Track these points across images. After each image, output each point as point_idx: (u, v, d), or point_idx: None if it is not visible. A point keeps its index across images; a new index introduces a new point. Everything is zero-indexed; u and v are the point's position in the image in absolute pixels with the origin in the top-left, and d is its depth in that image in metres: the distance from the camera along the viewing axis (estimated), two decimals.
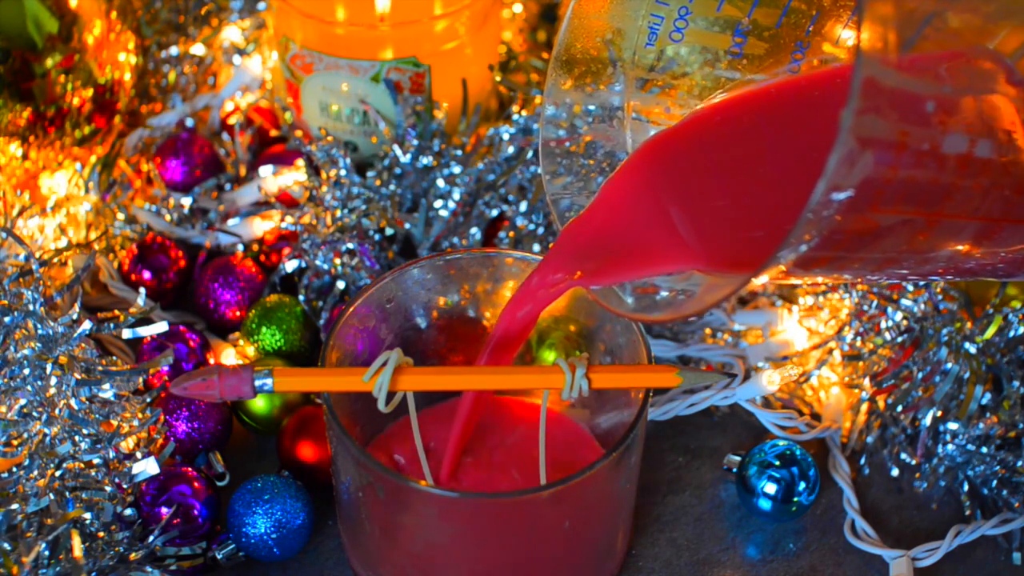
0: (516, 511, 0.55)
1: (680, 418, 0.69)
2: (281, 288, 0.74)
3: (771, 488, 0.64)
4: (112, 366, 0.60)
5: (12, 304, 0.59)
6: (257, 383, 0.55)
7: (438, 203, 0.73)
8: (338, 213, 0.72)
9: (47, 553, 0.52)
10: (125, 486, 0.59)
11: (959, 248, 0.46)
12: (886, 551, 0.63)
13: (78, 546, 0.52)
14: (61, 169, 0.75)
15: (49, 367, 0.58)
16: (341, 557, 0.63)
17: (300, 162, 0.76)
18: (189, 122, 0.83)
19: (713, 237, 0.53)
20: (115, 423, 0.59)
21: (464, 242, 0.73)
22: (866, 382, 0.68)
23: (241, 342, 0.70)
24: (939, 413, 0.65)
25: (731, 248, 0.52)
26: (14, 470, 0.57)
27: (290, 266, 0.73)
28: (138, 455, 0.60)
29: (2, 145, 0.70)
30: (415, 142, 0.74)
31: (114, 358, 0.62)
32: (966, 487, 0.66)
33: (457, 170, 0.73)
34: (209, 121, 0.84)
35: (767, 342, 0.71)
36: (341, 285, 0.71)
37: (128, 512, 0.59)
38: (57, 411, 0.58)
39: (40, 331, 0.59)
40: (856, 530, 0.65)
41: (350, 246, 0.71)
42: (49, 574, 0.52)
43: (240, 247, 0.76)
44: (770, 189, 0.52)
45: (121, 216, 0.76)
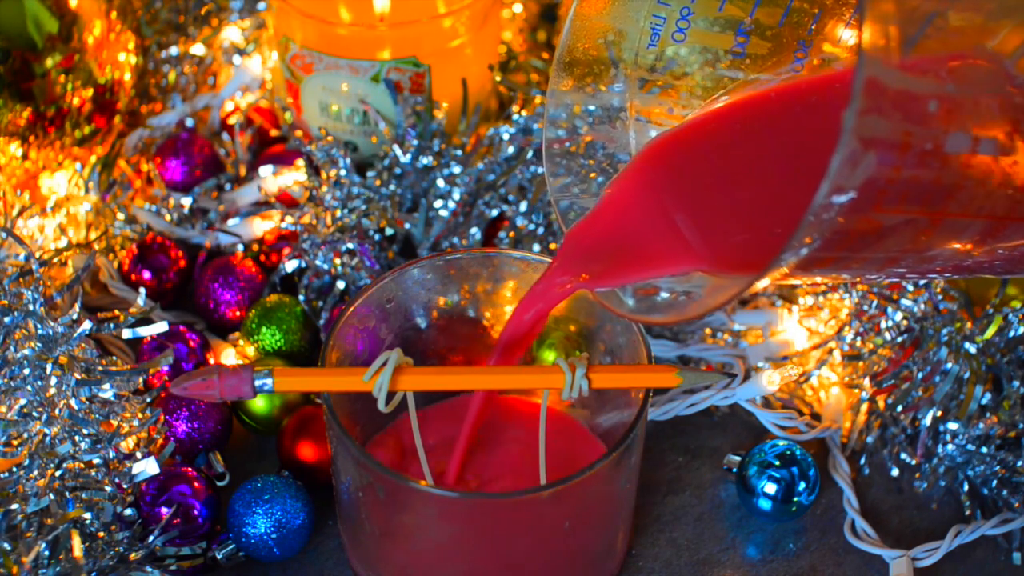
0: (516, 511, 0.55)
1: (680, 418, 0.69)
2: (281, 288, 0.74)
3: (771, 488, 0.64)
4: (112, 366, 0.60)
5: (12, 304, 0.59)
6: (257, 383, 0.55)
7: (438, 203, 0.73)
8: (338, 213, 0.71)
9: (47, 553, 0.52)
10: (125, 486, 0.59)
11: (962, 247, 0.46)
12: (886, 551, 0.63)
13: (78, 546, 0.52)
14: (61, 169, 0.75)
15: (49, 367, 0.58)
16: (341, 557, 0.63)
17: (300, 162, 0.76)
18: (189, 122, 0.83)
19: (717, 239, 0.53)
20: (115, 423, 0.59)
21: (464, 242, 0.73)
22: (866, 382, 0.68)
23: (241, 342, 0.70)
24: (939, 413, 0.65)
25: (735, 250, 0.53)
26: (14, 470, 0.57)
27: (290, 266, 0.73)
28: (138, 455, 0.60)
29: (2, 145, 0.70)
30: (415, 142, 0.74)
31: (114, 358, 0.62)
32: (966, 487, 0.66)
33: (457, 170, 0.73)
34: (209, 121, 0.84)
35: (767, 342, 0.71)
36: (341, 285, 0.71)
37: (128, 512, 0.59)
38: (57, 411, 0.58)
39: (40, 331, 0.59)
40: (856, 530, 0.65)
41: (350, 246, 0.71)
42: (49, 574, 0.52)
43: (240, 247, 0.76)
44: (773, 191, 0.53)
45: (121, 216, 0.76)
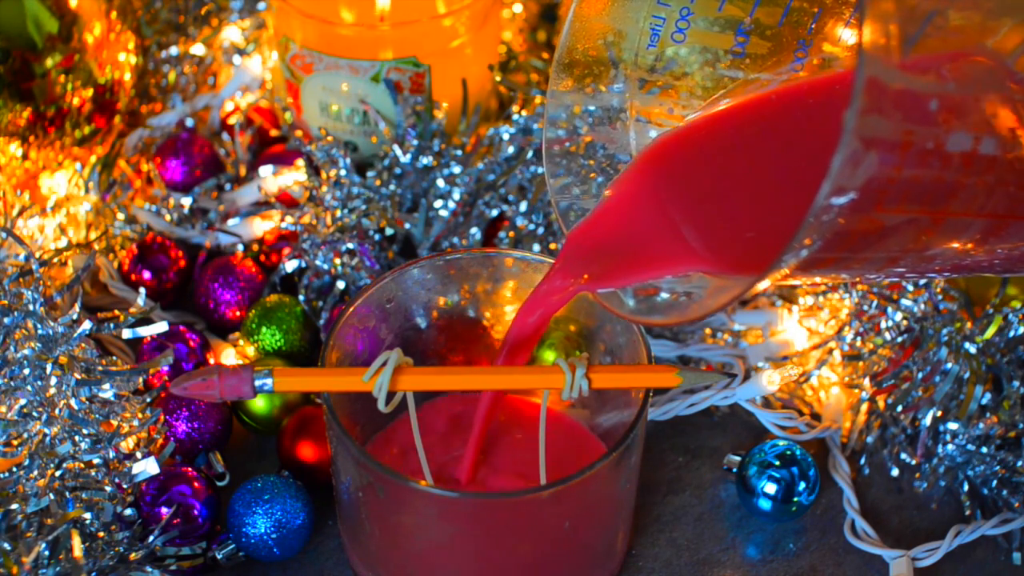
0: (516, 511, 0.55)
1: (680, 418, 0.69)
2: (281, 288, 0.74)
3: (771, 488, 0.64)
4: (112, 366, 0.60)
5: (12, 304, 0.59)
6: (257, 383, 0.55)
7: (438, 203, 0.73)
8: (338, 213, 0.71)
9: (47, 553, 0.52)
10: (125, 486, 0.59)
11: (963, 246, 0.46)
12: (886, 551, 0.63)
13: (78, 546, 0.52)
14: (61, 169, 0.75)
15: (49, 367, 0.58)
16: (341, 557, 0.63)
17: (300, 162, 0.76)
18: (189, 122, 0.83)
19: (717, 240, 0.53)
20: (115, 423, 0.59)
21: (464, 242, 0.73)
22: (866, 382, 0.68)
23: (241, 342, 0.70)
24: (939, 413, 0.65)
25: (736, 250, 0.52)
26: (14, 470, 0.56)
27: (290, 266, 0.73)
28: (138, 455, 0.60)
29: (2, 145, 0.70)
30: (415, 142, 0.74)
31: (114, 358, 0.62)
32: (966, 487, 0.66)
33: (457, 170, 0.73)
34: (209, 121, 0.84)
35: (767, 342, 0.71)
36: (341, 285, 0.71)
37: (128, 512, 0.59)
38: (57, 411, 0.58)
39: (40, 331, 0.59)
40: (856, 530, 0.65)
41: (350, 246, 0.71)
42: (49, 574, 0.52)
43: (240, 247, 0.76)
44: (775, 192, 0.52)
45: (121, 216, 0.76)
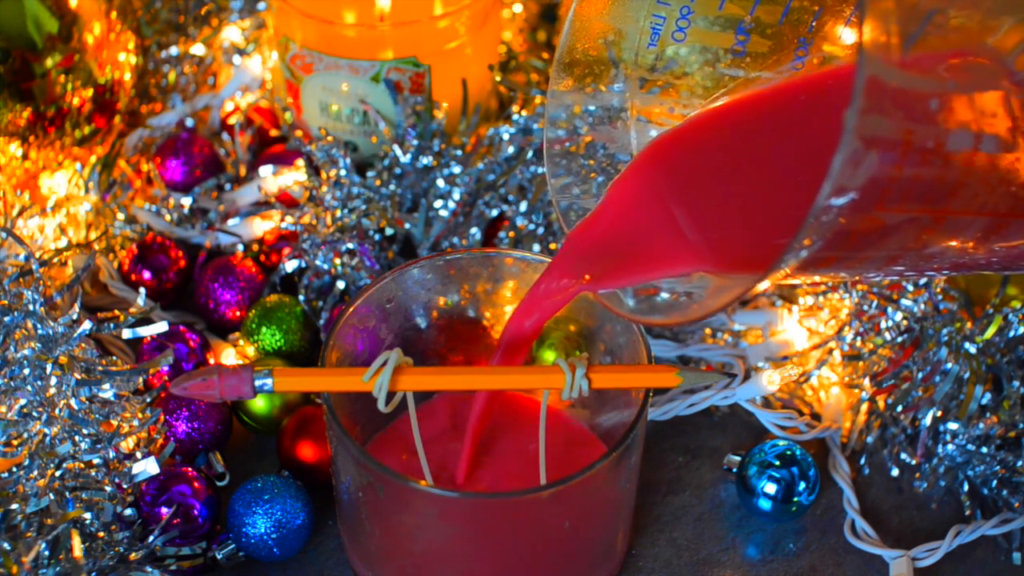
0: (516, 511, 0.55)
1: (680, 418, 0.69)
2: (281, 288, 0.74)
3: (771, 488, 0.64)
4: (112, 366, 0.60)
5: (12, 304, 0.59)
6: (257, 383, 0.55)
7: (438, 203, 0.73)
8: (338, 213, 0.71)
9: (47, 553, 0.52)
10: (125, 486, 0.59)
11: (964, 244, 0.46)
12: (886, 551, 0.63)
13: (78, 546, 0.52)
14: (61, 169, 0.75)
15: (49, 367, 0.58)
16: (341, 557, 0.63)
17: (300, 162, 0.76)
18: (189, 122, 0.83)
19: (718, 239, 0.53)
20: (115, 423, 0.59)
21: (464, 242, 0.73)
22: (866, 382, 0.68)
23: (241, 342, 0.70)
24: (939, 413, 0.65)
25: (737, 250, 0.52)
26: (14, 470, 0.56)
27: (290, 266, 0.73)
28: (138, 455, 0.60)
29: (2, 145, 0.70)
30: (415, 142, 0.74)
31: (114, 358, 0.62)
32: (966, 487, 0.66)
33: (457, 170, 0.73)
34: (209, 121, 0.84)
35: (767, 342, 0.71)
36: (341, 285, 0.71)
37: (128, 512, 0.59)
38: (57, 411, 0.58)
39: (40, 331, 0.59)
40: (856, 530, 0.65)
41: (350, 246, 0.71)
42: (49, 574, 0.52)
43: (240, 247, 0.76)
44: (776, 191, 0.52)
45: (121, 216, 0.76)
